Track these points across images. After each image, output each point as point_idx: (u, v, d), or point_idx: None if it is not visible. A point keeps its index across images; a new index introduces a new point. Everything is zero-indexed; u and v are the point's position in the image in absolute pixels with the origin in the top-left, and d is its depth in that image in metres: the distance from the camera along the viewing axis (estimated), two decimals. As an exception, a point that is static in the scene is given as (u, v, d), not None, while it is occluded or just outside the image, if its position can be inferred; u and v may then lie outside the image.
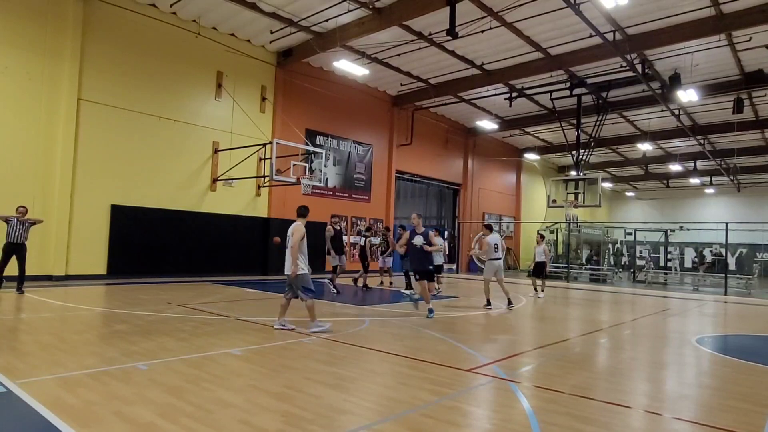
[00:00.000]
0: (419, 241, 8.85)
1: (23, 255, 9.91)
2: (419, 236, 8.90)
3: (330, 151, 18.94)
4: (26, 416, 3.49)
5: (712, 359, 6.52)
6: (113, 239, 13.31)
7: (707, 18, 13.09)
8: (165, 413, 3.59)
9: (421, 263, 8.99)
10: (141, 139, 13.85)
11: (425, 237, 8.89)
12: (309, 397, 4.09)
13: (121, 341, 5.89)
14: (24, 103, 11.93)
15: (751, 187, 34.35)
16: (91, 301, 9.27)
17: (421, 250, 8.85)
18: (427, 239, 8.84)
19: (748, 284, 19.26)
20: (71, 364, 4.82)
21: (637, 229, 29.35)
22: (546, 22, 14.00)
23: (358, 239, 16.95)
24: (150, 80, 14.03)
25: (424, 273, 8.95)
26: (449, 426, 3.59)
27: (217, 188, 15.60)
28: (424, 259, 8.94)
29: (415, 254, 8.98)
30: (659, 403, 4.47)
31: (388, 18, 13.48)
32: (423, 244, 8.83)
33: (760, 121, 21.62)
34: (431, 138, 23.70)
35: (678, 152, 27.81)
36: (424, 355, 5.78)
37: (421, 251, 8.87)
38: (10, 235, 9.78)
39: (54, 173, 12.33)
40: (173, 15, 14.35)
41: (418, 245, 8.85)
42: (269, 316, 8.17)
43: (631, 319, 9.76)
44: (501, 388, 4.64)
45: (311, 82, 18.02)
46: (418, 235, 8.91)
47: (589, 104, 19.58)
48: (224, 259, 15.70)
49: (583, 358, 6.22)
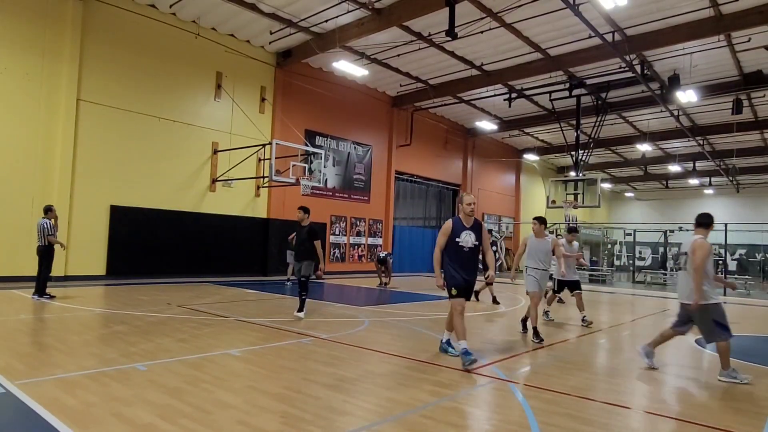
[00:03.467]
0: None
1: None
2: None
3: (329, 151, 18.94)
4: (25, 417, 3.48)
5: (712, 360, 6.51)
6: (112, 240, 13.30)
7: (706, 19, 13.10)
8: (164, 414, 3.58)
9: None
10: (140, 139, 13.84)
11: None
12: (308, 398, 4.09)
13: (120, 342, 5.88)
14: (23, 104, 11.92)
15: (751, 187, 34.37)
16: (90, 302, 9.25)
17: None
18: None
19: (748, 285, 19.27)
20: (70, 365, 4.81)
21: (636, 229, 29.38)
22: (545, 22, 14.01)
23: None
24: (149, 81, 14.03)
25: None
26: (449, 427, 3.59)
27: (217, 189, 15.60)
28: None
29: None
30: (659, 404, 4.47)
31: (388, 19, 13.49)
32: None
33: (759, 122, 21.64)
34: (431, 138, 23.71)
35: (677, 153, 27.84)
36: (424, 356, 5.77)
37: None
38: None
39: (53, 174, 12.32)
40: (173, 16, 14.35)
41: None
42: (268, 316, 8.17)
43: (631, 319, 9.75)
44: (500, 389, 4.64)
45: (311, 83, 18.02)
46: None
47: (588, 105, 19.60)
48: (223, 259, 15.70)
49: (582, 358, 6.22)
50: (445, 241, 5.62)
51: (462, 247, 5.57)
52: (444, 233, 5.64)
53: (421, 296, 12.80)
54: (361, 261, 20.49)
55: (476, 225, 5.69)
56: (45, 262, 9.42)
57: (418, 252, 23.65)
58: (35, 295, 9.26)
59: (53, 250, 9.59)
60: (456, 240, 5.57)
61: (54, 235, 9.52)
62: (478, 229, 5.67)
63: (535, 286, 7.34)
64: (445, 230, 5.65)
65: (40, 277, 9.35)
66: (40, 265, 9.40)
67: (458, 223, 5.66)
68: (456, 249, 5.59)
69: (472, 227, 5.65)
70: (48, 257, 9.47)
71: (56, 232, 9.65)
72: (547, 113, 21.86)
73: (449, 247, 5.62)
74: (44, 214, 9.51)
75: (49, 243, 9.44)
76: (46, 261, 9.45)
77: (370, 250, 20.67)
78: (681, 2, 12.58)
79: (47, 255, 9.46)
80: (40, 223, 9.40)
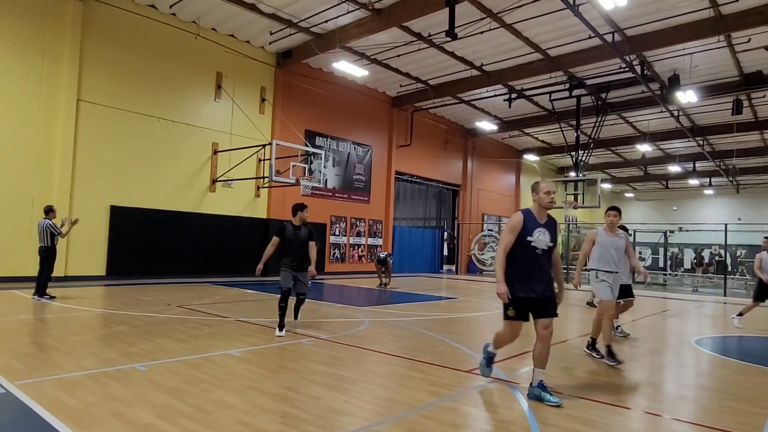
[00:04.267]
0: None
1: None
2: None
3: (329, 152, 18.95)
4: (25, 417, 3.48)
5: (712, 360, 6.51)
6: (112, 240, 13.31)
7: (706, 19, 13.11)
8: (164, 414, 3.58)
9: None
10: (140, 140, 13.85)
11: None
12: (308, 398, 4.09)
13: (120, 342, 5.88)
14: (23, 104, 11.93)
15: (751, 188, 34.38)
16: (90, 302, 9.25)
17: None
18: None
19: (748, 285, 19.26)
20: (70, 365, 4.81)
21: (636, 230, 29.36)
22: (545, 23, 14.01)
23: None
24: (149, 81, 14.03)
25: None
26: (449, 427, 3.59)
27: (217, 189, 15.60)
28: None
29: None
30: (658, 404, 4.47)
31: (388, 19, 13.49)
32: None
33: (759, 122, 21.65)
34: (430, 139, 23.71)
35: (677, 153, 27.85)
36: (423, 356, 5.77)
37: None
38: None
39: (53, 174, 12.33)
40: (173, 16, 14.36)
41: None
42: (268, 317, 8.17)
43: (631, 320, 9.74)
44: (500, 389, 4.64)
45: (311, 83, 18.03)
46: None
47: (588, 105, 19.61)
48: (223, 260, 15.70)
49: (582, 359, 6.21)
50: (512, 240, 4.32)
51: (534, 248, 4.29)
52: (512, 229, 4.33)
53: (421, 297, 12.80)
54: (361, 261, 20.49)
55: (551, 222, 4.45)
56: (47, 262, 9.42)
57: (418, 252, 23.66)
58: (35, 296, 9.24)
59: (56, 251, 9.60)
60: (528, 239, 4.29)
61: (61, 233, 9.52)
62: (553, 227, 4.42)
63: (607, 294, 5.97)
64: (513, 226, 4.34)
65: (41, 277, 9.33)
66: (41, 265, 9.39)
67: (530, 218, 4.37)
68: (525, 251, 4.29)
69: (546, 224, 4.40)
70: (50, 258, 9.47)
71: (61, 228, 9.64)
72: (547, 113, 21.87)
73: (516, 249, 4.31)
74: (45, 214, 9.46)
75: (53, 243, 9.43)
76: (49, 262, 9.45)
77: (370, 251, 20.67)
78: (681, 2, 12.59)
79: (50, 256, 9.46)
80: (43, 223, 9.36)
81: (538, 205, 4.45)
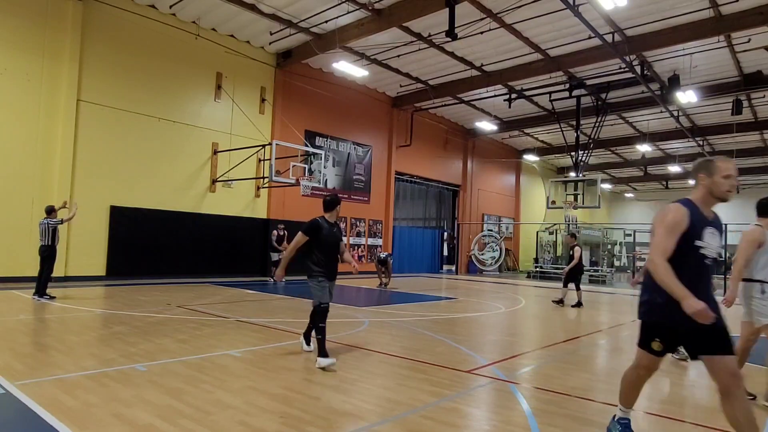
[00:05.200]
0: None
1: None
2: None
3: (329, 152, 18.94)
4: (25, 417, 3.48)
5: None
6: (112, 240, 13.30)
7: (706, 19, 13.12)
8: (164, 415, 3.58)
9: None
10: (140, 140, 13.84)
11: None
12: (308, 399, 4.09)
13: (120, 342, 5.88)
14: (23, 105, 11.93)
15: (750, 188, 34.37)
16: (90, 303, 9.25)
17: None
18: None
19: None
20: (70, 365, 4.81)
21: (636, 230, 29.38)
22: (545, 23, 14.02)
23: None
24: (149, 81, 14.03)
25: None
26: (449, 427, 3.59)
27: (217, 189, 15.60)
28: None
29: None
30: (658, 405, 4.47)
31: (388, 19, 13.50)
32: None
33: (759, 123, 21.67)
34: (430, 139, 23.72)
35: (677, 153, 27.85)
36: (424, 357, 5.77)
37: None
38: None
39: (53, 174, 12.32)
40: (173, 16, 14.36)
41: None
42: (268, 317, 8.17)
43: (631, 320, 9.74)
44: (500, 390, 4.64)
45: (311, 84, 18.03)
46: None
47: (588, 105, 19.62)
48: (223, 260, 15.70)
49: (582, 359, 6.22)
50: (673, 245, 2.93)
51: (703, 257, 2.98)
52: (673, 229, 2.94)
53: (421, 297, 12.80)
54: (361, 261, 20.49)
55: (718, 220, 3.10)
56: (47, 262, 9.43)
57: (418, 253, 23.66)
58: (35, 296, 9.23)
59: (56, 251, 9.62)
60: (696, 244, 2.95)
61: (62, 221, 9.54)
62: (720, 226, 3.08)
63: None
64: (675, 223, 2.94)
65: (41, 277, 9.33)
66: (42, 265, 9.39)
67: (697, 214, 3.00)
68: (690, 260, 2.97)
69: (714, 222, 3.06)
70: (51, 258, 9.49)
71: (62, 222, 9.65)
72: (547, 114, 21.87)
73: (678, 258, 2.93)
74: (47, 214, 9.47)
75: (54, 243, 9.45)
76: (49, 262, 9.46)
77: (370, 251, 20.67)
78: (681, 3, 12.60)
79: (50, 256, 9.47)
80: (44, 222, 9.38)
81: (707, 194, 3.04)
